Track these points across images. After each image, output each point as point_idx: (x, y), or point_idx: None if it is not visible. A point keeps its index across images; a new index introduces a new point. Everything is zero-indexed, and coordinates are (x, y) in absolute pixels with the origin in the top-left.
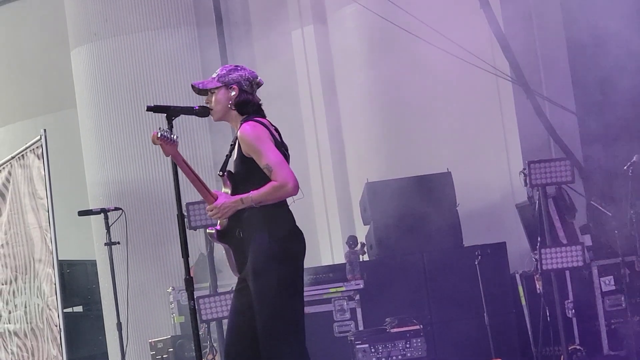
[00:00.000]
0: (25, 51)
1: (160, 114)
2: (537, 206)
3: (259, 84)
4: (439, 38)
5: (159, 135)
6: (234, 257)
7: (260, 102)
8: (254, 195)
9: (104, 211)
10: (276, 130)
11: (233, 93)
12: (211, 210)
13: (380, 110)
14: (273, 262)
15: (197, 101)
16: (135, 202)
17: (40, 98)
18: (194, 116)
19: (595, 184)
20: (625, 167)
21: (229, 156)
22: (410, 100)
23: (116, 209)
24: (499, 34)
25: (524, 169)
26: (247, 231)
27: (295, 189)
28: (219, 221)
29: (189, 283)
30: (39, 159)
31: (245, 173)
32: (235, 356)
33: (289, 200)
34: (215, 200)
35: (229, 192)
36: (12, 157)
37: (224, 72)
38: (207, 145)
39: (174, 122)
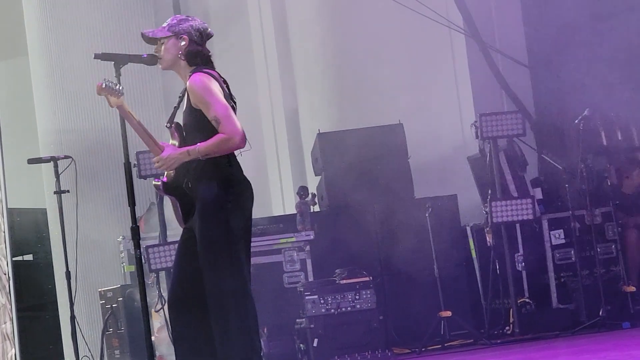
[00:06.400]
0: None
1: (111, 62)
2: (488, 159)
3: (209, 36)
4: None
5: (103, 86)
6: (180, 209)
7: (210, 54)
8: (200, 147)
9: (54, 159)
10: (225, 82)
11: (183, 43)
12: (157, 162)
13: (333, 61)
14: (221, 212)
15: (149, 50)
16: (86, 150)
17: None
18: (145, 66)
19: (546, 137)
20: (576, 121)
21: (177, 108)
22: (363, 51)
23: (66, 157)
24: None
25: (476, 121)
26: (195, 182)
27: (242, 141)
28: (165, 173)
29: (135, 232)
30: None
31: (194, 125)
32: (181, 307)
33: (236, 152)
34: (162, 151)
35: (177, 144)
36: None
37: (175, 21)
38: (159, 96)
39: (122, 70)
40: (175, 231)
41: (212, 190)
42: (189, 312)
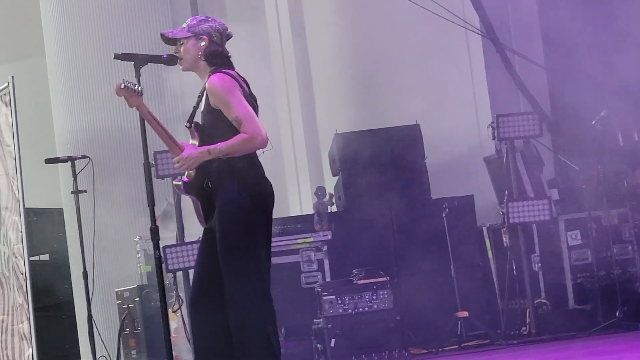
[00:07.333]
0: None
1: (128, 62)
2: (504, 160)
3: (228, 36)
4: None
5: (122, 87)
6: (201, 208)
7: (229, 55)
8: (221, 146)
9: (71, 159)
10: (245, 81)
11: (203, 44)
12: (177, 162)
13: (350, 61)
14: (242, 212)
15: (167, 50)
16: (103, 150)
17: (9, 45)
18: (162, 65)
19: (563, 138)
20: (593, 122)
21: (196, 107)
22: (380, 52)
23: (83, 157)
24: None
25: (492, 122)
26: (216, 182)
27: (264, 141)
28: (186, 172)
29: (155, 232)
30: (6, 106)
31: (213, 124)
32: (201, 307)
33: (258, 152)
34: (182, 151)
35: (197, 143)
36: None
37: (195, 22)
38: (177, 96)
39: (141, 70)
40: (190, 231)
41: (233, 190)
42: (209, 311)
